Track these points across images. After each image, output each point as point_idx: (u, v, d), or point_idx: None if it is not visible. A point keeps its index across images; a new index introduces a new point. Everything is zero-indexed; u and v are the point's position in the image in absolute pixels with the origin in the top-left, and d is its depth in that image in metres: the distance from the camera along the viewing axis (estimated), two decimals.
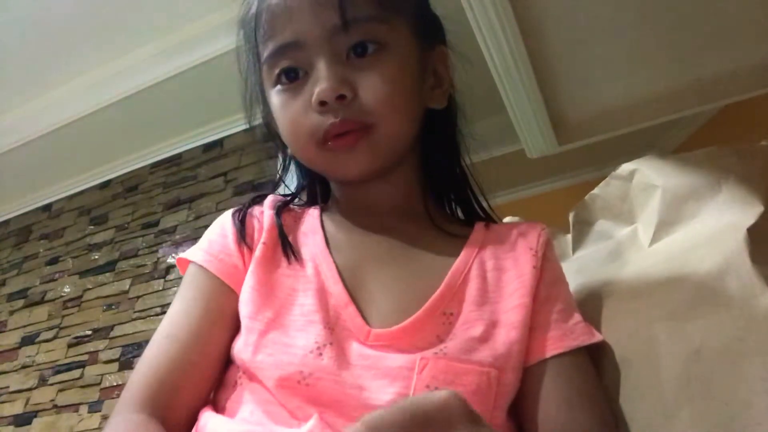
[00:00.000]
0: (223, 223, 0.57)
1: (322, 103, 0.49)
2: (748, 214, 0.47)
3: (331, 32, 0.50)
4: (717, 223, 0.50)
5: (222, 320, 0.51)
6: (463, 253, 0.52)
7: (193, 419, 0.47)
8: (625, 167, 0.65)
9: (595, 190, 0.70)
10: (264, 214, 0.57)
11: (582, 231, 0.72)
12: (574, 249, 0.73)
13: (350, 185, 0.58)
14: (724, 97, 0.92)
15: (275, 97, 0.54)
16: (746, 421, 0.40)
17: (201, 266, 0.53)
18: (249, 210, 0.58)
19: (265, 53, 0.53)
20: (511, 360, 0.46)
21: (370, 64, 0.50)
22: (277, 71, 0.53)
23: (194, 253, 0.55)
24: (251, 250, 0.53)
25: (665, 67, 0.90)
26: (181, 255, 0.56)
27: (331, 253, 0.52)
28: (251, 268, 0.52)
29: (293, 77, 0.52)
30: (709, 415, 0.42)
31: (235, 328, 0.51)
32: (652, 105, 0.97)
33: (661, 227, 0.56)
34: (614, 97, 0.98)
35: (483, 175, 0.64)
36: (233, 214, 0.57)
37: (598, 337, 0.50)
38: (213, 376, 0.50)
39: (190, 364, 0.48)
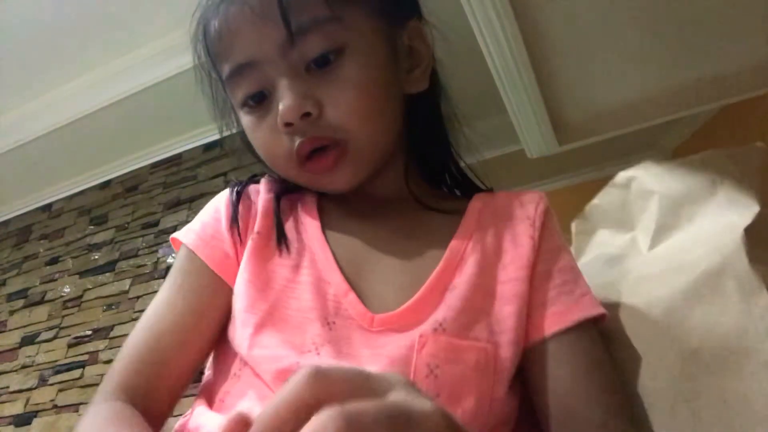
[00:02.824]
0: (218, 205, 0.55)
1: (288, 124, 0.47)
2: (745, 214, 0.47)
3: (281, 46, 0.46)
4: (714, 225, 0.50)
5: (207, 313, 0.50)
6: (461, 228, 0.51)
7: (173, 405, 0.48)
8: (623, 175, 0.66)
9: (595, 200, 0.71)
10: (260, 197, 0.55)
11: (583, 241, 0.72)
12: (576, 259, 0.73)
13: None
14: (724, 97, 0.92)
15: (244, 118, 0.52)
16: (745, 420, 0.40)
17: (192, 251, 0.52)
18: (245, 190, 0.56)
19: (223, 74, 0.50)
20: (506, 335, 0.45)
21: (333, 73, 0.47)
22: (240, 95, 0.50)
23: (186, 234, 0.54)
24: (244, 237, 0.52)
25: (665, 67, 0.90)
26: (174, 235, 0.54)
27: (328, 242, 0.51)
28: (245, 258, 0.51)
29: (259, 99, 0.49)
30: (708, 414, 0.42)
31: (222, 318, 0.50)
32: (652, 105, 0.97)
33: (659, 232, 0.56)
34: (614, 97, 0.98)
35: (483, 175, 0.64)
36: (229, 194, 0.56)
37: (603, 310, 0.48)
38: (194, 366, 0.50)
39: (169, 357, 0.48)
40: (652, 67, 0.91)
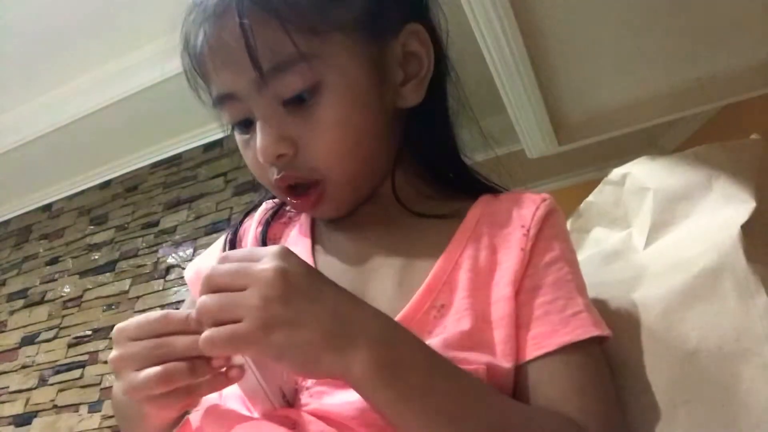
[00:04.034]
0: (213, 248, 0.58)
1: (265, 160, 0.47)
2: (741, 210, 0.47)
3: (256, 85, 0.45)
4: (710, 222, 0.50)
5: None
6: (455, 237, 0.48)
7: None
8: (617, 171, 0.65)
9: (590, 197, 0.70)
10: (250, 234, 0.56)
11: (579, 239, 0.71)
12: None
13: None
14: (724, 97, 0.91)
15: (236, 136, 0.52)
16: (744, 423, 0.40)
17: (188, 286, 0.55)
18: (240, 230, 0.57)
19: (210, 95, 0.50)
20: (499, 358, 0.42)
21: (309, 111, 0.46)
22: (227, 120, 0.50)
23: (188, 270, 0.56)
24: None
25: (665, 67, 0.90)
26: (185, 270, 0.57)
27: (317, 263, 0.50)
28: None
29: (246, 123, 0.49)
30: (707, 417, 0.42)
31: None
32: (652, 105, 0.97)
33: (654, 229, 0.56)
34: (614, 97, 0.98)
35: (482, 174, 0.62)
36: (226, 237, 0.57)
37: (598, 332, 0.43)
38: None
39: None
40: (652, 67, 0.91)
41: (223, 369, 0.38)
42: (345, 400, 0.40)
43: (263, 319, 0.35)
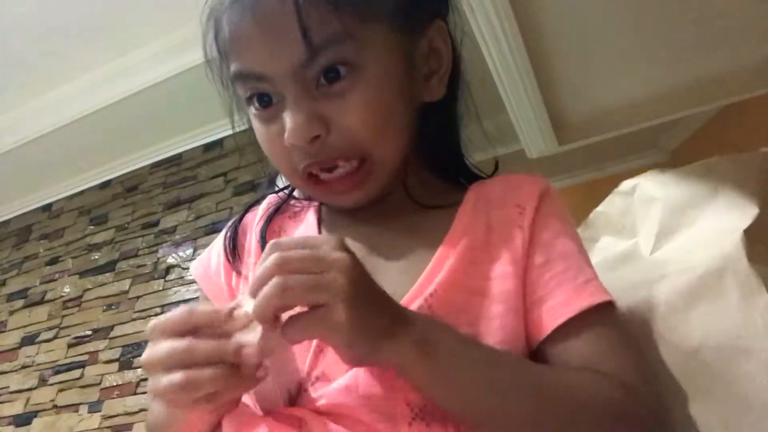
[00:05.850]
0: (218, 242, 0.58)
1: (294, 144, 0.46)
2: (744, 216, 0.47)
3: (296, 66, 0.45)
4: (714, 227, 0.51)
5: None
6: (454, 224, 0.49)
7: None
8: (627, 183, 0.66)
9: (600, 207, 0.71)
10: (254, 228, 0.56)
11: (587, 248, 0.72)
12: None
13: None
14: (724, 97, 0.92)
15: (252, 118, 0.51)
16: (744, 420, 0.40)
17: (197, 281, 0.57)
18: (242, 222, 0.57)
19: (231, 70, 0.49)
20: (492, 336, 0.43)
21: (344, 91, 0.46)
22: (247, 94, 0.49)
23: (195, 266, 0.57)
24: (239, 273, 0.53)
25: (665, 67, 0.90)
26: (191, 266, 0.58)
27: None
28: (242, 287, 0.51)
29: (266, 102, 0.48)
30: (708, 414, 0.42)
31: None
32: (652, 105, 0.97)
33: (661, 236, 0.57)
34: (614, 97, 0.98)
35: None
36: (226, 231, 0.57)
37: (611, 298, 0.45)
38: None
39: None
40: (651, 67, 0.91)
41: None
42: (347, 386, 0.41)
43: (351, 301, 0.35)
